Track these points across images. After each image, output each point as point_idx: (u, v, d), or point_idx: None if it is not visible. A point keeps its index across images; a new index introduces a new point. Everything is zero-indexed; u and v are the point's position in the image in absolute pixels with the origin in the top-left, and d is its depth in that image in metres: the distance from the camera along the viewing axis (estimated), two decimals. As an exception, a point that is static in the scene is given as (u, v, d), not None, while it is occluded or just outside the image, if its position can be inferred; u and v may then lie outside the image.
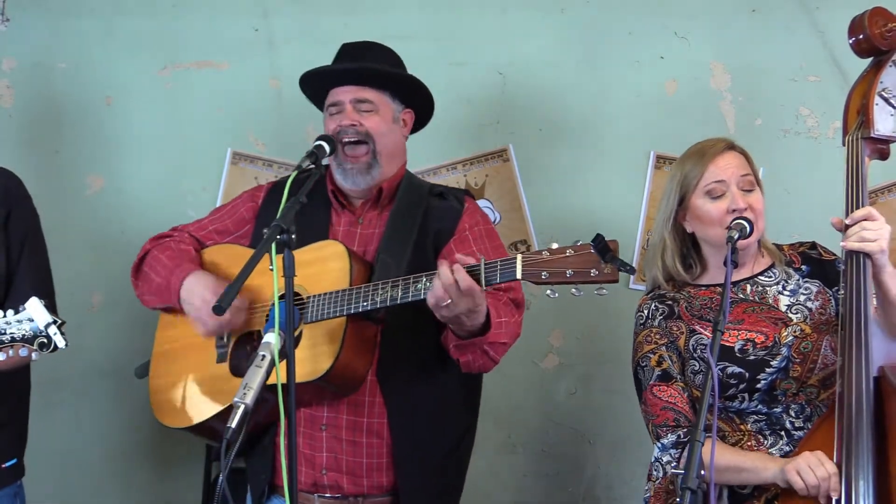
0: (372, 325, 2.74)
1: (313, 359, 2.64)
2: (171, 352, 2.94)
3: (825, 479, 2.43)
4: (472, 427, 2.99)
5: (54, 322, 2.62)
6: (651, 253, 2.85)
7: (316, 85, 3.00)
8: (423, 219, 2.89)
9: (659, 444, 2.68)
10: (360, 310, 2.64)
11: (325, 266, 2.72)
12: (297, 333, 2.34)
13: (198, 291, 2.81)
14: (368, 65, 2.93)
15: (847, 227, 2.57)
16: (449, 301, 2.51)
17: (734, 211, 2.69)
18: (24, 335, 2.63)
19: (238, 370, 2.80)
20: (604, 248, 2.37)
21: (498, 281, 2.51)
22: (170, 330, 2.95)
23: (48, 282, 3.04)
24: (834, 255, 2.80)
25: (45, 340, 2.61)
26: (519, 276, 2.47)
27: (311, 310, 2.69)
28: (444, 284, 2.50)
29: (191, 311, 2.82)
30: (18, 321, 2.64)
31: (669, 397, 2.68)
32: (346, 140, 2.87)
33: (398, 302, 2.61)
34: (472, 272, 2.51)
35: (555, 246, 2.47)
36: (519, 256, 2.47)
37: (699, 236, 2.79)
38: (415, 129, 3.07)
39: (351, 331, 2.67)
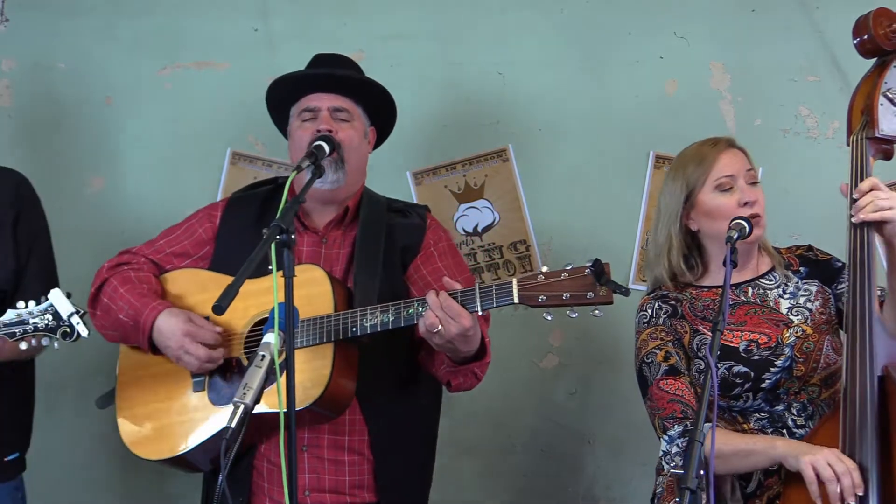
0: (356, 348, 2.73)
1: (304, 385, 2.62)
2: (138, 381, 2.89)
3: (845, 473, 2.39)
4: (436, 438, 3.01)
5: (77, 312, 2.71)
6: (654, 252, 2.85)
7: (289, 91, 2.96)
8: (387, 236, 2.89)
9: (666, 437, 2.66)
10: (351, 335, 2.64)
11: (307, 291, 2.69)
12: (283, 359, 2.34)
13: (171, 333, 2.76)
14: (350, 73, 2.93)
15: (854, 201, 2.56)
16: (440, 328, 2.53)
17: (746, 204, 2.71)
18: (46, 325, 2.72)
19: (218, 398, 2.79)
20: (599, 270, 2.42)
21: (494, 305, 2.53)
22: (133, 358, 2.90)
23: (54, 282, 3.06)
24: (829, 255, 2.82)
25: (68, 330, 2.71)
26: (516, 300, 2.50)
27: (299, 336, 2.67)
28: (432, 308, 2.52)
29: (171, 353, 2.78)
30: (41, 312, 2.73)
31: (677, 390, 2.68)
32: None
33: (390, 327, 2.62)
34: (466, 295, 2.53)
35: (545, 269, 2.50)
36: (514, 280, 2.50)
37: (706, 233, 2.79)
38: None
39: (339, 355, 2.67)
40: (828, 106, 3.63)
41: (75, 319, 2.70)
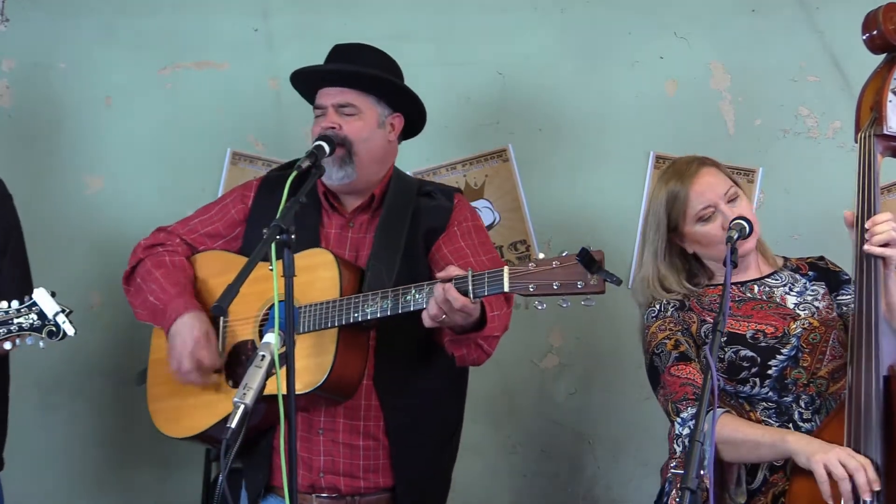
0: (365, 332, 2.75)
1: (307, 370, 2.65)
2: (166, 359, 2.92)
3: (857, 469, 2.37)
4: (461, 419, 3.02)
5: (62, 311, 2.69)
6: (644, 283, 2.83)
7: (304, 85, 3.00)
8: (412, 220, 2.90)
9: (679, 420, 2.66)
10: (351, 321, 2.66)
11: (314, 275, 2.72)
12: (284, 351, 2.35)
13: (184, 333, 2.80)
14: (351, 67, 2.91)
15: (865, 229, 2.56)
16: (444, 317, 2.55)
17: (731, 227, 2.69)
18: (31, 324, 2.70)
19: (234, 380, 2.83)
20: (589, 259, 2.38)
21: (486, 293, 2.53)
22: (165, 338, 2.93)
23: (29, 279, 3.06)
24: (839, 267, 2.83)
25: (54, 329, 2.69)
26: (506, 288, 2.50)
27: (303, 320, 2.70)
28: (438, 302, 2.53)
29: (173, 347, 2.82)
30: (25, 311, 2.71)
31: (688, 374, 2.68)
32: None
33: (388, 314, 2.63)
34: (460, 284, 2.53)
35: (541, 256, 2.49)
36: (506, 269, 2.50)
37: (703, 255, 2.81)
38: (410, 134, 3.05)
39: (343, 340, 2.69)
40: (828, 106, 3.63)
41: (61, 318, 2.70)
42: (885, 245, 2.52)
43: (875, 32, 2.70)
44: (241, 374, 2.77)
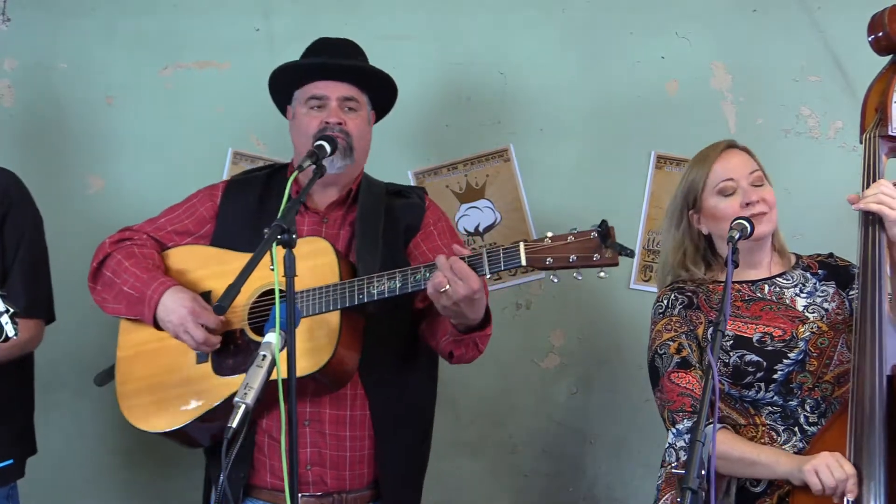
0: (362, 318, 2.76)
1: (309, 353, 2.66)
2: (139, 356, 2.91)
3: (843, 480, 2.43)
4: (433, 413, 3.03)
5: (6, 311, 2.52)
6: (665, 259, 2.87)
7: (295, 76, 2.98)
8: (387, 215, 2.93)
9: (674, 430, 2.68)
10: (358, 302, 2.66)
11: (312, 261, 2.73)
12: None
13: (175, 309, 2.79)
14: (360, 63, 2.97)
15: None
16: (447, 287, 2.53)
17: (748, 204, 2.72)
18: None
19: (221, 369, 2.81)
20: (605, 233, 2.45)
21: (502, 268, 2.54)
22: (134, 334, 2.93)
23: (42, 283, 3.03)
24: (848, 262, 2.83)
25: None
26: (523, 262, 2.51)
27: (305, 304, 2.70)
28: (442, 269, 2.54)
29: (171, 328, 2.81)
30: None
31: (687, 384, 2.69)
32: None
33: (397, 293, 2.63)
34: (474, 259, 2.55)
35: (551, 234, 2.52)
36: (521, 244, 2.52)
37: (715, 234, 2.81)
38: None
39: (346, 324, 2.70)
40: (829, 106, 3.63)
41: (4, 319, 2.52)
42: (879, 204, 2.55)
43: (881, 34, 2.70)
44: (230, 364, 2.78)
